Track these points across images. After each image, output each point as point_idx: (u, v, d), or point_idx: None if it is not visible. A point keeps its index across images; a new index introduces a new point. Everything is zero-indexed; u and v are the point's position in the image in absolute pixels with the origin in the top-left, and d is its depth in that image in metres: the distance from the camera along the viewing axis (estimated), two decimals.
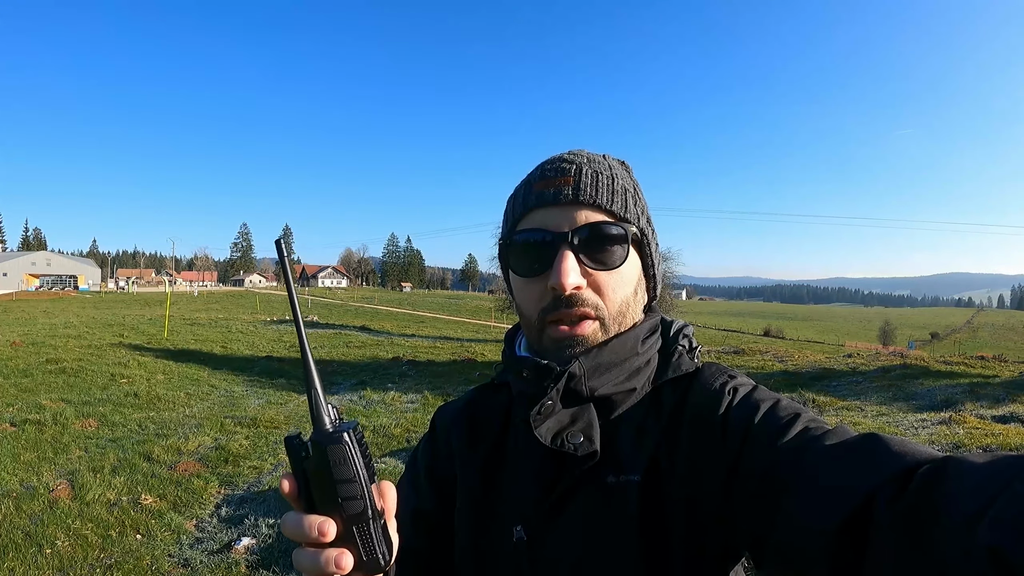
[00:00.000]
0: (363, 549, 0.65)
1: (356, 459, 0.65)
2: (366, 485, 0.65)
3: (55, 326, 25.96)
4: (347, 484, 0.64)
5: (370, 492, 0.65)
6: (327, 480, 0.64)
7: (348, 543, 0.65)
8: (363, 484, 0.65)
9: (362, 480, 0.65)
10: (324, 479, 0.65)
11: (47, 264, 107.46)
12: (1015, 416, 9.06)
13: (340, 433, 0.65)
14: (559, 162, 0.95)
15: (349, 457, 0.64)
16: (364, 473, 0.65)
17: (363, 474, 0.65)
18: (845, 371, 15.49)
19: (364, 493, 0.65)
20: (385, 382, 14.76)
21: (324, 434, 0.65)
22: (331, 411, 0.68)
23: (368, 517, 0.65)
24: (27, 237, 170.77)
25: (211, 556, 5.04)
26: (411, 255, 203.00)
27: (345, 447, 0.64)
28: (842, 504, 0.64)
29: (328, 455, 0.64)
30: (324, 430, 0.66)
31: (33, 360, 15.13)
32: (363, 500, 0.64)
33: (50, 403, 10.52)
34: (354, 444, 0.65)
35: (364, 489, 0.65)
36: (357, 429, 0.67)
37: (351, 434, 0.65)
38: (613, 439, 0.90)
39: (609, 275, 0.91)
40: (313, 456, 0.65)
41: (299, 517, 0.65)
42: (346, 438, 0.65)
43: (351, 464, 0.64)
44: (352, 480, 0.64)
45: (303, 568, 0.66)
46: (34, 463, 7.35)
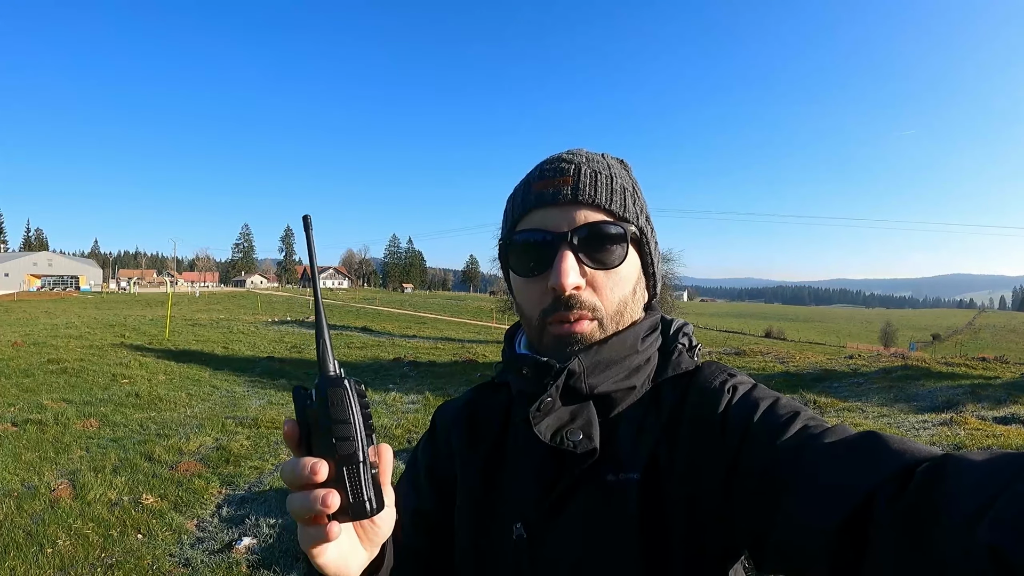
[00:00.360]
0: (351, 491, 0.66)
1: (353, 403, 0.67)
2: (360, 429, 0.67)
3: (56, 326, 25.95)
4: (342, 425, 0.66)
5: (364, 438, 0.67)
6: (324, 421, 0.66)
7: (337, 484, 0.66)
8: (357, 427, 0.66)
9: (356, 423, 0.66)
10: (322, 420, 0.66)
11: (48, 264, 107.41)
12: (1016, 417, 9.04)
13: (342, 379, 0.68)
14: (558, 162, 0.95)
15: (347, 400, 0.67)
16: (359, 418, 0.67)
17: (358, 418, 0.67)
18: (846, 372, 15.46)
19: (357, 436, 0.66)
20: (386, 383, 14.77)
21: (327, 378, 0.68)
22: (336, 365, 0.70)
23: (359, 460, 0.66)
24: (29, 237, 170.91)
25: (212, 556, 5.04)
26: (412, 256, 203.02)
27: (344, 391, 0.67)
28: (842, 503, 0.64)
29: (328, 396, 0.66)
30: (328, 375, 0.68)
31: (34, 360, 15.12)
32: (355, 442, 0.66)
33: (51, 403, 10.52)
34: (354, 392, 0.68)
35: (357, 432, 0.66)
36: (360, 384, 0.70)
37: (351, 382, 0.68)
38: (613, 437, 0.90)
39: (608, 274, 0.91)
40: (316, 401, 0.67)
41: (295, 460, 0.66)
42: (346, 383, 0.67)
43: (347, 406, 0.66)
44: (347, 421, 0.66)
45: (293, 509, 0.66)
46: (35, 463, 7.35)
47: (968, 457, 0.58)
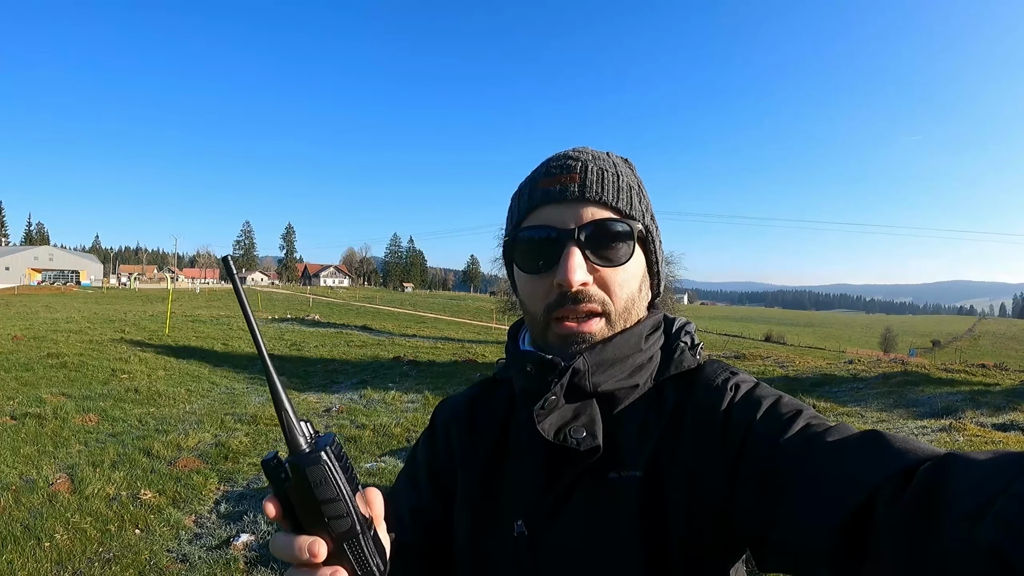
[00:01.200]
0: (356, 564, 0.64)
1: (336, 476, 0.63)
2: (351, 501, 0.64)
3: (57, 321, 25.96)
4: (331, 504, 0.63)
5: (356, 506, 0.65)
6: (310, 501, 0.63)
7: (341, 560, 0.64)
8: (347, 501, 0.64)
9: (346, 497, 0.63)
10: (307, 500, 0.63)
11: (49, 259, 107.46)
12: (1015, 424, 9.05)
13: (317, 453, 0.63)
14: (564, 159, 0.95)
15: (329, 476, 0.63)
16: (347, 489, 0.64)
17: (346, 491, 0.64)
18: (846, 377, 15.46)
19: (350, 510, 0.64)
20: (386, 382, 14.76)
21: (301, 455, 0.64)
22: (306, 428, 0.66)
23: (357, 532, 0.64)
24: (30, 232, 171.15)
25: (210, 552, 5.05)
26: (413, 255, 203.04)
27: (324, 466, 0.63)
28: (844, 501, 0.65)
29: (308, 476, 0.63)
30: (301, 451, 0.64)
31: (34, 354, 15.14)
32: (350, 517, 0.64)
33: (51, 397, 10.54)
34: (333, 461, 0.64)
35: (349, 506, 0.64)
36: (334, 443, 0.66)
37: (328, 451, 0.64)
38: (615, 435, 0.90)
39: (615, 271, 0.92)
40: (293, 478, 0.63)
41: (288, 538, 0.64)
42: (324, 457, 0.63)
43: (332, 482, 0.63)
44: (336, 499, 0.63)
45: None
46: (34, 457, 7.36)
47: (971, 456, 0.58)
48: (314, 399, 12.38)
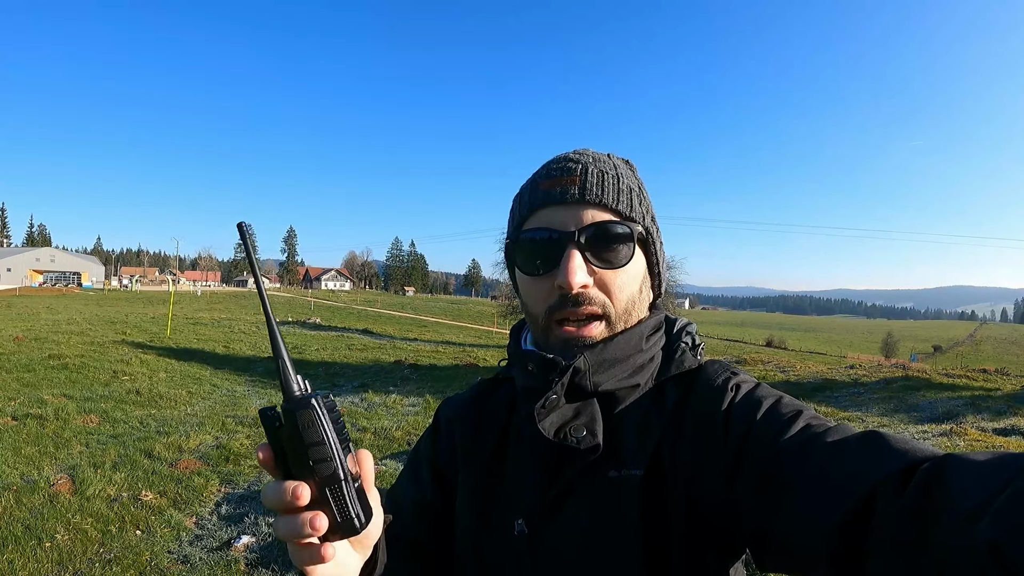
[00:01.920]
0: (337, 510, 0.66)
1: (324, 422, 0.66)
2: (336, 448, 0.66)
3: (58, 322, 25.94)
4: (317, 447, 0.65)
5: (341, 455, 0.66)
6: (298, 445, 0.65)
7: (322, 505, 0.66)
8: (332, 446, 0.65)
9: (331, 443, 0.65)
10: (295, 444, 0.65)
11: (51, 260, 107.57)
12: (1016, 429, 9.02)
13: (309, 398, 0.66)
14: (565, 161, 0.96)
15: (318, 421, 0.65)
16: (334, 436, 0.66)
17: (332, 437, 0.66)
18: (847, 382, 15.42)
19: (334, 455, 0.65)
20: (387, 385, 14.75)
21: (294, 400, 0.67)
22: (301, 381, 0.69)
23: (340, 479, 0.66)
24: (32, 233, 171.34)
25: (210, 553, 5.04)
26: (414, 259, 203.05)
27: (313, 411, 0.65)
28: (843, 500, 0.65)
29: (297, 420, 0.65)
30: (294, 396, 0.67)
31: (36, 355, 15.12)
32: (334, 462, 0.65)
33: (52, 398, 10.53)
34: (322, 409, 0.66)
35: (334, 451, 0.65)
36: (328, 397, 0.68)
37: (319, 400, 0.66)
38: (616, 434, 0.91)
39: (615, 273, 0.92)
40: (285, 424, 0.66)
41: (276, 484, 0.66)
42: (314, 403, 0.66)
43: (320, 427, 0.65)
44: (321, 443, 0.65)
45: (281, 534, 0.67)
46: (35, 457, 7.36)
47: (970, 456, 0.59)
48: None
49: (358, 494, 0.68)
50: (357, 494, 0.68)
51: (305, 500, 0.65)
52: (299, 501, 0.64)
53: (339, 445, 0.66)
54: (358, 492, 0.68)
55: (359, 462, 0.70)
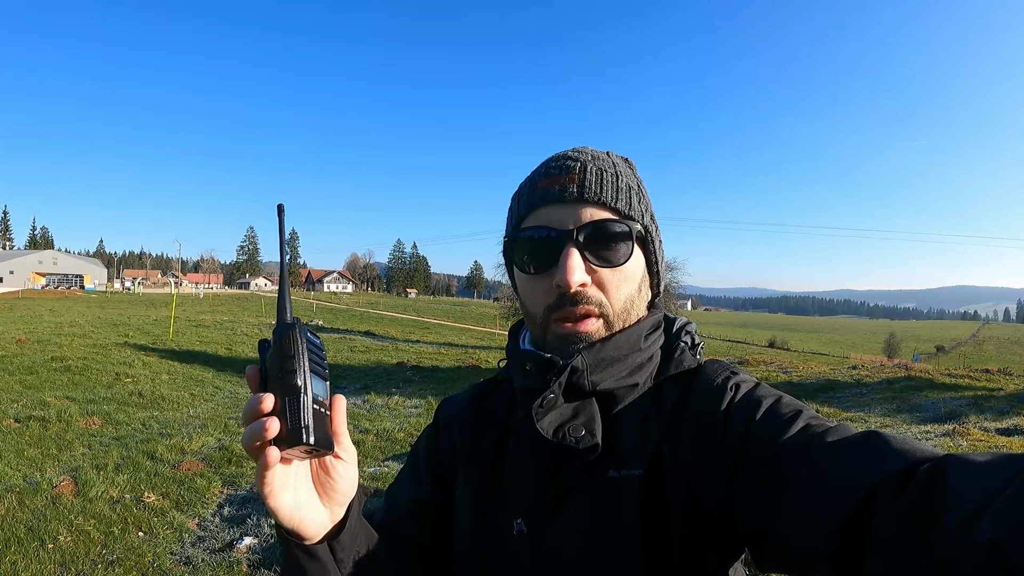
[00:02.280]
0: (290, 420, 0.69)
1: (299, 342, 0.72)
2: (303, 364, 0.71)
3: (60, 324, 25.95)
4: (288, 360, 0.70)
5: (307, 372, 0.71)
6: (274, 360, 0.71)
7: (281, 415, 0.69)
8: (300, 362, 0.71)
9: (300, 358, 0.71)
10: (273, 360, 0.72)
11: (53, 263, 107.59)
12: (1019, 429, 9.00)
13: (293, 323, 0.73)
14: (564, 159, 0.96)
15: (294, 340, 0.72)
16: (304, 355, 0.72)
17: (302, 355, 0.71)
18: (849, 383, 15.39)
19: (300, 369, 0.70)
20: (389, 387, 14.76)
21: (281, 324, 0.74)
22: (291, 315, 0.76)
23: (299, 390, 0.70)
24: (34, 236, 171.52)
25: (213, 555, 5.04)
26: (417, 261, 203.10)
27: (293, 332, 0.72)
28: (843, 500, 0.65)
29: (280, 338, 0.72)
30: (283, 321, 0.74)
31: (38, 357, 15.13)
32: (297, 375, 0.70)
33: (54, 400, 10.55)
34: (303, 333, 0.73)
35: (300, 366, 0.71)
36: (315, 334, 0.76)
37: (301, 326, 0.73)
38: (615, 433, 0.91)
39: (614, 272, 0.92)
40: (272, 345, 0.73)
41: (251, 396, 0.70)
42: (297, 326, 0.73)
43: (294, 344, 0.71)
44: (291, 357, 0.71)
45: (244, 443, 0.70)
46: (38, 459, 7.37)
47: (970, 457, 0.58)
48: None
49: (317, 415, 0.71)
50: (316, 415, 0.71)
51: (268, 407, 0.69)
52: (262, 407, 0.68)
53: (308, 365, 0.72)
54: (317, 413, 0.72)
55: (333, 402, 0.76)
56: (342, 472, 0.78)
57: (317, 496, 0.77)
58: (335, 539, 0.81)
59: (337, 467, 0.78)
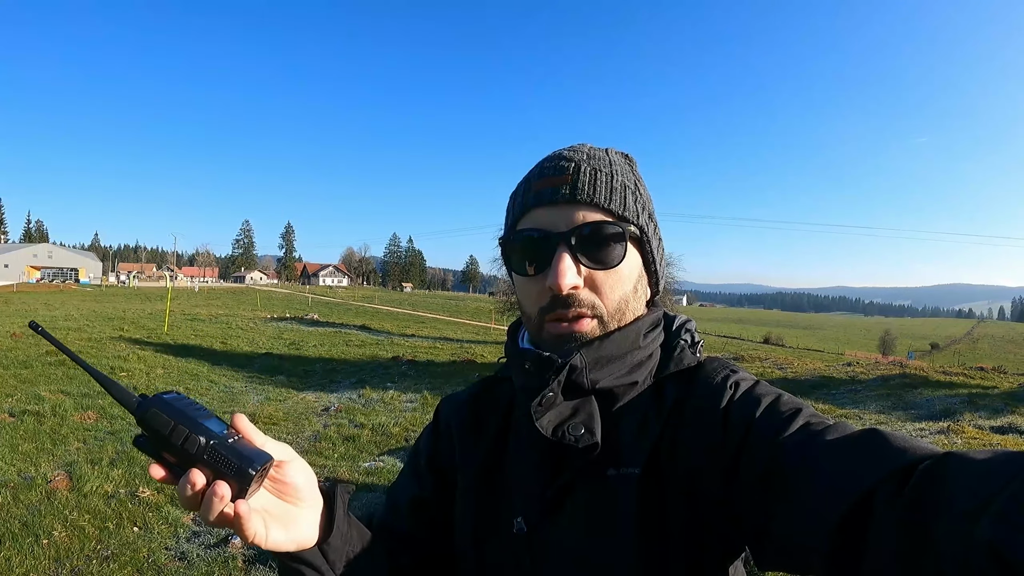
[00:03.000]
0: (225, 470, 0.69)
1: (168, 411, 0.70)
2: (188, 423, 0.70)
3: (55, 318, 25.92)
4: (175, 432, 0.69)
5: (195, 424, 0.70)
6: (163, 443, 0.70)
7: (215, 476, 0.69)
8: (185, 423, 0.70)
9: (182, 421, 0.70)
10: (161, 444, 0.71)
11: (48, 256, 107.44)
12: (1014, 427, 9.06)
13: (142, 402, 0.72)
14: (558, 160, 0.95)
15: (158, 415, 0.70)
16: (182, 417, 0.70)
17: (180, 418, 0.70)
18: (844, 380, 15.45)
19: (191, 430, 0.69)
20: (384, 381, 14.75)
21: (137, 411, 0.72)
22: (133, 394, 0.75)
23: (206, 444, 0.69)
24: (29, 229, 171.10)
25: (208, 550, 5.04)
26: (412, 255, 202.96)
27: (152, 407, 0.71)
28: (842, 498, 0.64)
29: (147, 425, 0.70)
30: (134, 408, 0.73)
31: (33, 351, 15.06)
32: (195, 434, 0.69)
33: (49, 394, 10.52)
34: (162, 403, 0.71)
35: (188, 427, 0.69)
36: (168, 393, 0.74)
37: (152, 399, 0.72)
38: (614, 432, 0.90)
39: (607, 274, 0.91)
40: (147, 432, 0.71)
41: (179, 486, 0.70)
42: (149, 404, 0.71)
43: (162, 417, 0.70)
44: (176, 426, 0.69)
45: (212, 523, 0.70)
46: (32, 454, 7.35)
47: (970, 455, 0.58)
48: (312, 398, 12.37)
49: (236, 447, 0.71)
50: (235, 447, 0.71)
51: (201, 482, 0.69)
52: (197, 486, 0.69)
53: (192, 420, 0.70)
54: (236, 445, 0.71)
55: (235, 424, 0.75)
56: (292, 471, 0.79)
57: (291, 507, 0.79)
58: (325, 542, 0.83)
59: (285, 470, 0.79)
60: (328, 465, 7.65)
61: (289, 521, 0.79)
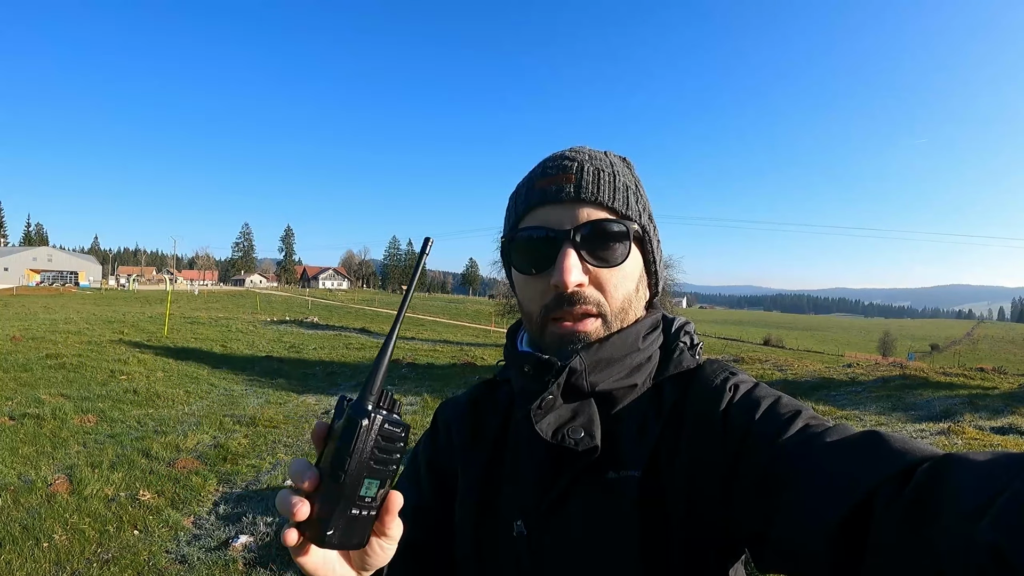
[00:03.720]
0: (319, 510, 0.66)
1: (361, 440, 0.66)
2: (356, 465, 0.66)
3: (55, 321, 25.88)
4: (342, 453, 0.66)
5: (358, 473, 0.66)
6: (336, 441, 0.67)
7: (316, 501, 0.67)
8: (355, 462, 0.66)
9: (356, 458, 0.66)
10: (334, 439, 0.68)
11: (48, 260, 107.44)
12: (1014, 428, 9.04)
13: (366, 413, 0.67)
14: (561, 159, 0.95)
15: (356, 435, 0.66)
16: (363, 455, 0.66)
17: (361, 455, 0.66)
18: (844, 381, 15.44)
19: (350, 470, 0.66)
20: (385, 384, 14.67)
21: (358, 405, 0.69)
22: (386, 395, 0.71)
23: (341, 490, 0.66)
24: (29, 232, 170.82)
25: (208, 553, 5.03)
26: (412, 258, 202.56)
27: (359, 426, 0.66)
28: (842, 500, 0.64)
29: (347, 421, 0.67)
30: (363, 401, 0.69)
31: (33, 355, 15.08)
32: (343, 474, 0.66)
33: (49, 398, 10.51)
34: (373, 428, 0.67)
35: (353, 467, 0.66)
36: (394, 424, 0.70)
37: (373, 420, 0.67)
38: (614, 434, 0.90)
39: (611, 272, 0.91)
40: (342, 420, 0.68)
41: (301, 462, 0.68)
42: (365, 422, 0.67)
43: (356, 440, 0.66)
44: (347, 453, 0.66)
45: (277, 502, 0.68)
46: (32, 457, 7.34)
47: (969, 457, 0.58)
48: (312, 401, 12.36)
49: (352, 520, 0.68)
50: (351, 520, 0.68)
51: (305, 486, 0.66)
52: (300, 483, 0.67)
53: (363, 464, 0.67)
54: (354, 519, 0.68)
55: (388, 501, 0.71)
56: (378, 551, 0.74)
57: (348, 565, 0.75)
58: None
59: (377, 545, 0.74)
60: None
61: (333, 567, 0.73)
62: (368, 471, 0.67)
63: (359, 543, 0.70)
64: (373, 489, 0.68)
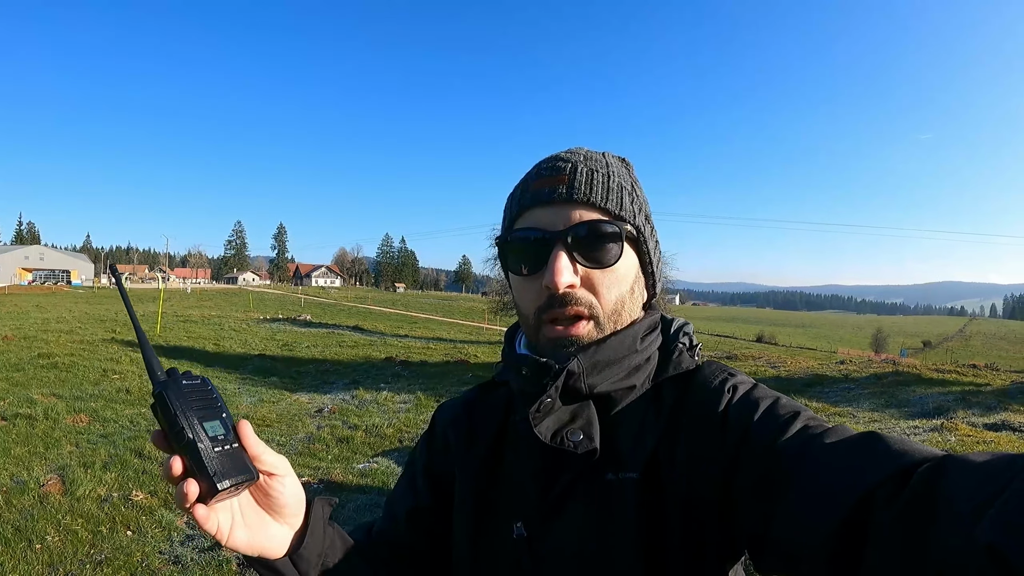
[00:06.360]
0: (199, 474, 0.72)
1: (176, 400, 0.73)
2: (187, 419, 0.73)
3: (47, 320, 25.80)
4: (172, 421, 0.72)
5: (196, 424, 0.73)
6: (164, 425, 0.74)
7: (192, 473, 0.72)
8: (183, 418, 0.72)
9: (182, 416, 0.73)
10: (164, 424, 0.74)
11: (40, 258, 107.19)
12: (1007, 424, 9.11)
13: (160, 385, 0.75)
14: (555, 160, 0.95)
15: (169, 400, 0.73)
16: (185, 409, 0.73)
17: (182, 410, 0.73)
18: (838, 378, 15.54)
19: (187, 426, 0.72)
20: (378, 382, 14.76)
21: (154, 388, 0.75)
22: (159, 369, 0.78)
23: (194, 446, 0.72)
24: (20, 231, 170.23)
25: (202, 554, 5.02)
26: (405, 256, 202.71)
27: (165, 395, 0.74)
28: (841, 502, 0.65)
29: (156, 402, 0.74)
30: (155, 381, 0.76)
31: (25, 354, 15.04)
32: (186, 431, 0.72)
33: (41, 397, 10.46)
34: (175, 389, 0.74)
35: (185, 422, 0.72)
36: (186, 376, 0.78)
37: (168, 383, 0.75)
38: (613, 436, 0.90)
39: (603, 273, 0.91)
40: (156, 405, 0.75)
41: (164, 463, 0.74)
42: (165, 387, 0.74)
43: (169, 403, 0.73)
44: (173, 416, 0.72)
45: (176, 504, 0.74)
46: (25, 457, 7.31)
47: (968, 457, 0.58)
48: (306, 399, 12.36)
49: (224, 456, 0.74)
50: (222, 456, 0.73)
51: (177, 470, 0.73)
52: (172, 472, 0.73)
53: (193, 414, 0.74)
54: (225, 454, 0.74)
55: (237, 425, 0.78)
56: (279, 487, 0.82)
57: (268, 516, 0.82)
58: (296, 552, 0.85)
59: (272, 484, 0.82)
60: (322, 467, 7.64)
61: (258, 529, 0.81)
62: (200, 416, 0.74)
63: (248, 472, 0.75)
64: (219, 428, 0.75)
